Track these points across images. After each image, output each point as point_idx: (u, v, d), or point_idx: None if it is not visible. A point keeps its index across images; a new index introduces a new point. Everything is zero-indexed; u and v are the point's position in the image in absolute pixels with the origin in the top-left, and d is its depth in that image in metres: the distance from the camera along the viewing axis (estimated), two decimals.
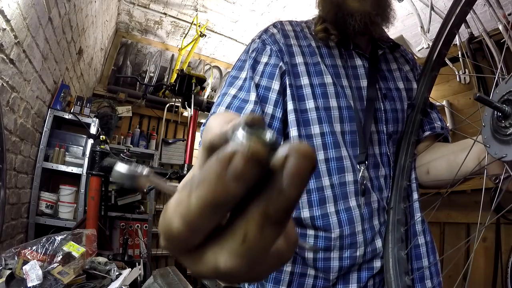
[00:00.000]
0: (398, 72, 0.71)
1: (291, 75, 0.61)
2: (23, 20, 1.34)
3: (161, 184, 0.20)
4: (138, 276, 1.42)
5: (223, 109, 0.57)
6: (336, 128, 0.59)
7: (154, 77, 3.70)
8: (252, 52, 0.64)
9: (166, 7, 3.19)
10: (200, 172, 0.14)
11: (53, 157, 2.11)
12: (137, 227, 2.95)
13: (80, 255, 1.17)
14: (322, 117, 0.59)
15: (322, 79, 0.61)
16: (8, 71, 1.33)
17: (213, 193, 0.13)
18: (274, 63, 0.61)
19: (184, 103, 2.62)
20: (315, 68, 0.63)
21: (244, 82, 0.60)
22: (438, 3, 2.47)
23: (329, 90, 0.61)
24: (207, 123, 0.48)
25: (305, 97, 0.60)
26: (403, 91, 0.69)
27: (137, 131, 3.39)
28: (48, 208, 2.05)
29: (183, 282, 1.27)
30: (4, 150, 1.25)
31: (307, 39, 0.67)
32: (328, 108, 0.60)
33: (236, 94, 0.59)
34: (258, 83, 0.60)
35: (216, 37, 3.65)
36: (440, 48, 0.61)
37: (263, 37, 0.66)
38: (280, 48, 0.63)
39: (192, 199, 0.14)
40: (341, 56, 0.66)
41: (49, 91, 2.00)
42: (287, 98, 0.60)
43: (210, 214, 0.14)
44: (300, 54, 0.64)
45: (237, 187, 0.13)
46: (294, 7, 2.96)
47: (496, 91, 0.41)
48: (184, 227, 0.15)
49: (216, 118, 0.20)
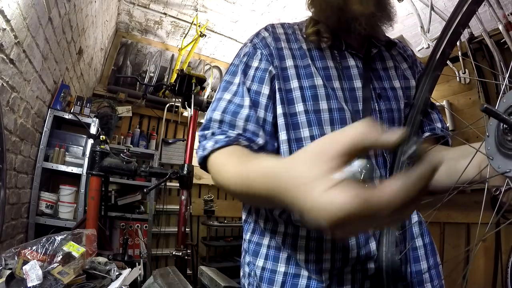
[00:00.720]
0: (394, 70, 0.69)
1: (280, 79, 0.61)
2: (23, 20, 1.34)
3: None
4: (138, 276, 1.42)
5: (219, 113, 0.58)
6: (327, 131, 0.59)
7: (154, 77, 3.70)
8: (243, 56, 0.65)
9: (166, 7, 3.19)
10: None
11: (53, 157, 2.11)
12: (137, 227, 2.95)
13: (80, 255, 1.17)
14: (312, 120, 0.59)
15: (312, 81, 0.61)
16: (8, 71, 1.33)
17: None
18: (264, 67, 0.62)
19: (184, 103, 2.62)
20: (305, 71, 0.62)
21: (238, 87, 0.61)
22: (438, 3, 2.47)
23: (319, 93, 0.60)
24: (216, 161, 0.54)
25: (295, 100, 0.60)
26: (399, 90, 0.67)
27: (137, 131, 3.39)
28: (48, 208, 2.05)
29: (183, 282, 1.27)
30: (4, 150, 1.25)
31: (298, 41, 0.67)
32: (318, 111, 0.59)
33: (230, 99, 0.60)
34: (249, 87, 0.61)
35: (216, 37, 3.65)
36: (444, 47, 0.59)
37: (255, 41, 0.66)
38: (270, 52, 0.63)
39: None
40: (333, 58, 0.65)
41: (49, 91, 2.00)
42: (277, 102, 0.60)
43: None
44: (291, 57, 0.64)
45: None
46: (294, 7, 2.96)
47: (503, 100, 0.38)
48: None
49: (228, 161, 0.44)
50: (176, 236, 2.35)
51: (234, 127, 0.57)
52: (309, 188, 0.29)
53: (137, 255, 2.82)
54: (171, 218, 3.62)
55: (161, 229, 3.43)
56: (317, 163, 0.30)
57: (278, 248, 0.60)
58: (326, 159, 0.29)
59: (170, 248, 3.38)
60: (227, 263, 3.49)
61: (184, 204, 2.31)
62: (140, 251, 2.86)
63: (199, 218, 3.80)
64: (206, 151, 0.55)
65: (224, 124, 0.57)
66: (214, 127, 0.58)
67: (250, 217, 0.67)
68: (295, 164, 0.32)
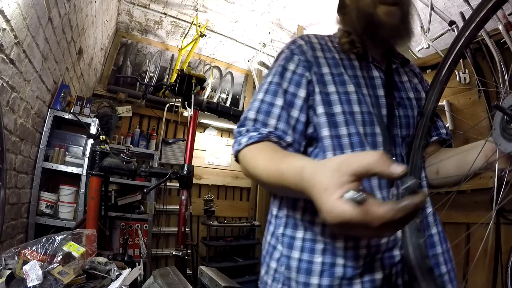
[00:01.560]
0: (408, 84, 0.80)
1: (320, 83, 0.69)
2: (23, 20, 1.34)
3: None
4: (138, 276, 1.42)
5: (253, 113, 0.67)
6: (359, 130, 0.67)
7: (154, 77, 3.70)
8: (281, 60, 0.73)
9: (166, 7, 3.20)
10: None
11: (53, 157, 2.11)
12: (137, 227, 2.96)
13: (80, 255, 1.17)
14: (348, 120, 0.67)
15: (345, 87, 0.69)
16: (8, 71, 1.33)
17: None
18: (300, 72, 0.70)
19: (184, 103, 2.62)
20: (339, 78, 0.70)
21: (272, 87, 0.69)
22: (438, 3, 2.47)
23: (352, 98, 0.69)
24: (249, 155, 0.63)
25: (333, 102, 0.68)
26: (413, 100, 0.78)
27: (137, 131, 3.39)
28: (48, 208, 2.05)
29: (183, 282, 1.27)
30: (4, 150, 1.25)
31: (331, 51, 0.75)
32: (352, 113, 0.68)
33: (263, 99, 0.68)
34: (286, 89, 0.68)
35: (216, 37, 3.65)
36: (450, 64, 0.72)
37: (291, 47, 0.74)
38: (306, 58, 0.71)
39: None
40: (361, 68, 0.74)
41: (49, 91, 2.00)
42: (316, 103, 0.68)
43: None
44: (326, 65, 0.72)
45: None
46: (294, 7, 2.96)
47: (504, 102, 0.54)
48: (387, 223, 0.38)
49: (260, 155, 0.61)
50: (176, 236, 2.34)
51: (266, 125, 0.65)
52: (327, 193, 0.40)
53: (137, 255, 2.82)
54: (171, 218, 3.62)
55: (161, 229, 3.43)
56: (336, 175, 0.40)
57: (313, 240, 0.64)
58: (344, 174, 0.39)
59: (170, 248, 3.39)
60: (227, 263, 3.49)
61: (184, 204, 2.31)
62: (140, 251, 2.86)
63: (199, 218, 3.80)
64: (241, 146, 0.64)
65: (257, 122, 0.66)
66: (249, 124, 0.66)
67: (281, 211, 0.71)
68: (321, 170, 0.43)
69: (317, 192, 0.42)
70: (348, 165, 0.40)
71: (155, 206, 3.28)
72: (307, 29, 3.28)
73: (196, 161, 3.46)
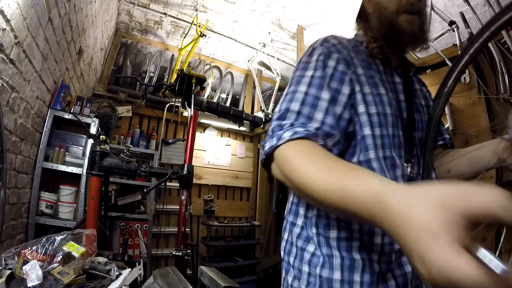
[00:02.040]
0: (420, 92, 0.86)
1: (358, 82, 0.70)
2: (23, 20, 1.34)
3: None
4: (138, 276, 1.42)
5: (298, 104, 0.61)
6: (389, 131, 0.69)
7: (154, 77, 3.70)
8: (319, 55, 0.70)
9: (166, 7, 3.20)
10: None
11: (53, 157, 2.11)
12: (137, 227, 2.96)
13: (80, 255, 1.17)
14: (382, 121, 0.69)
15: (378, 89, 0.71)
16: (8, 71, 1.33)
17: None
18: (342, 70, 0.68)
19: (184, 103, 2.62)
20: (372, 80, 0.72)
21: (315, 80, 0.65)
22: (438, 3, 2.47)
23: (384, 100, 0.71)
24: (293, 154, 0.55)
25: (369, 103, 0.69)
26: (425, 106, 0.84)
27: (137, 131, 3.39)
28: (48, 208, 2.05)
29: (183, 282, 1.26)
30: (4, 150, 1.25)
31: (361, 54, 0.76)
32: (384, 114, 0.69)
33: (307, 91, 0.64)
34: (329, 85, 0.65)
35: (216, 37, 3.65)
36: (455, 77, 0.77)
37: (326, 44, 0.72)
38: (344, 57, 0.70)
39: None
40: (385, 73, 0.77)
41: (49, 91, 2.00)
42: (357, 102, 0.68)
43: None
44: (360, 66, 0.72)
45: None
46: (294, 7, 2.96)
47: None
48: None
49: (311, 159, 0.52)
50: (176, 236, 2.34)
51: (312, 119, 0.60)
52: (439, 242, 0.29)
53: (137, 255, 2.82)
54: (171, 218, 3.62)
55: (161, 229, 3.43)
56: (443, 213, 0.30)
57: (349, 239, 0.64)
58: (453, 213, 0.30)
59: (170, 248, 3.39)
60: (227, 263, 3.49)
61: (184, 204, 2.31)
62: (140, 251, 2.86)
63: (199, 218, 3.81)
64: (282, 140, 0.56)
65: (301, 116, 0.60)
66: (292, 118, 0.60)
67: (311, 212, 0.70)
68: (415, 201, 0.33)
69: (417, 235, 0.31)
70: (459, 204, 0.30)
71: (155, 206, 3.28)
72: (307, 29, 3.28)
73: (196, 161, 3.47)
